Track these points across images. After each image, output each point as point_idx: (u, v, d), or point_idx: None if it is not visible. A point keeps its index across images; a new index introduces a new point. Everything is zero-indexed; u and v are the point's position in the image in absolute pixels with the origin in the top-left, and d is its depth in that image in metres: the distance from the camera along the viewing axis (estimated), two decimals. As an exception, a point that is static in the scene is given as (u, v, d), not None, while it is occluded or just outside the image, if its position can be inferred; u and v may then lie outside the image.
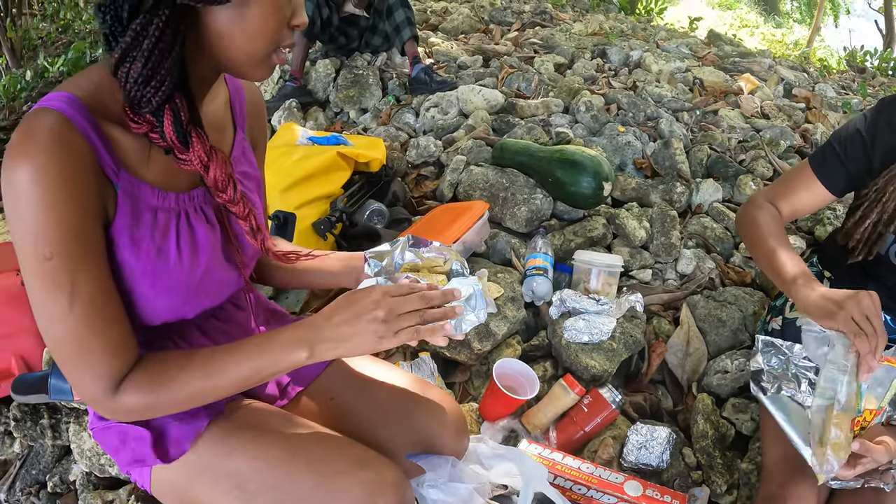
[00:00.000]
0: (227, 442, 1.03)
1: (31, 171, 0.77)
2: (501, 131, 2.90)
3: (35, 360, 1.77)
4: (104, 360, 0.86)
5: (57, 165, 0.78)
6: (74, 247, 0.81)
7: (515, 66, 3.69)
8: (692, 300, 2.02)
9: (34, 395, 1.60)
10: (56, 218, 0.79)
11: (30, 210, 0.78)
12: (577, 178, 2.17)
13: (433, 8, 5.34)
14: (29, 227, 0.79)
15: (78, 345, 0.84)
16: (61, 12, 6.47)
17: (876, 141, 1.39)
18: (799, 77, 4.27)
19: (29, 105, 4.78)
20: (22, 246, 0.81)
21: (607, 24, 5.30)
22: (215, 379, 0.91)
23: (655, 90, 3.45)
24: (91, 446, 1.61)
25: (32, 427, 1.70)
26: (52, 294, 0.82)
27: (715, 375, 1.81)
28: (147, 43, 0.80)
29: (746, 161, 2.81)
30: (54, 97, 0.82)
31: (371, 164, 2.38)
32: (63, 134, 0.79)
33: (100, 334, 0.85)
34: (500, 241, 2.17)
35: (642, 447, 1.60)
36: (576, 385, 1.67)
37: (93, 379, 0.87)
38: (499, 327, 1.81)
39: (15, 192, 0.78)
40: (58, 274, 0.81)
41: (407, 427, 1.21)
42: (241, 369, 0.91)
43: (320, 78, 3.64)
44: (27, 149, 0.78)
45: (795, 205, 1.51)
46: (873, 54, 7.57)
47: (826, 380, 1.23)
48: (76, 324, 0.83)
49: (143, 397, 0.89)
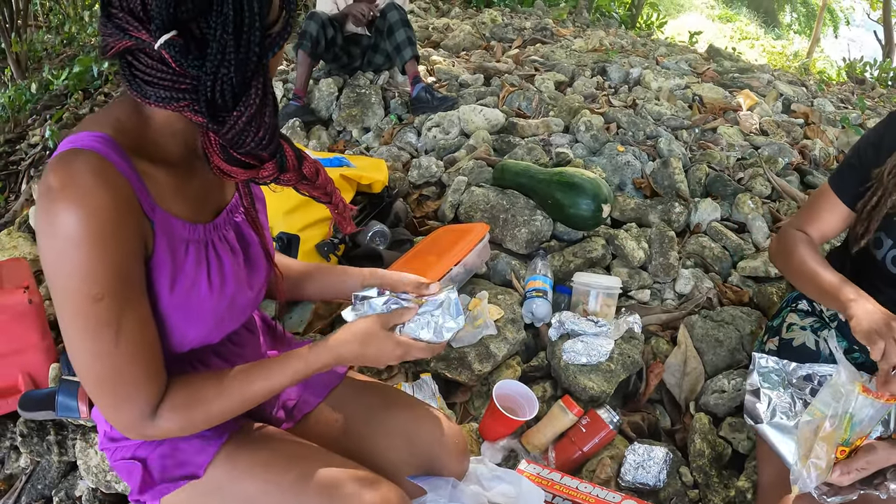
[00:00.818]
0: (237, 465, 1.06)
1: (78, 215, 0.77)
2: (502, 151, 2.94)
3: (41, 377, 1.80)
4: (144, 389, 0.89)
5: (103, 208, 0.79)
6: (122, 286, 0.83)
7: (516, 85, 3.74)
8: (690, 320, 2.05)
9: (41, 412, 1.63)
10: (105, 259, 0.80)
11: (77, 253, 0.79)
12: (576, 200, 2.20)
13: (435, 25, 5.39)
14: (76, 270, 0.80)
15: (120, 378, 0.87)
16: (66, 25, 6.49)
17: (884, 140, 1.43)
18: (798, 92, 4.31)
19: (34, 118, 4.82)
20: (66, 287, 0.81)
21: (608, 39, 5.35)
22: (245, 396, 0.99)
23: (655, 108, 3.49)
24: (97, 462, 1.63)
25: (39, 443, 1.71)
26: (97, 332, 0.83)
27: (712, 395, 1.84)
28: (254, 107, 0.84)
29: (745, 179, 2.85)
30: (86, 137, 0.83)
31: (373, 185, 2.41)
32: (105, 175, 0.80)
33: (142, 367, 0.88)
34: (500, 263, 2.21)
35: (640, 466, 1.63)
36: (574, 406, 1.70)
37: (132, 408, 0.89)
38: (499, 348, 1.84)
39: (59, 235, 0.78)
40: (106, 313, 0.82)
41: (409, 449, 1.25)
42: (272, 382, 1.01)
43: (323, 97, 3.69)
44: (71, 192, 0.78)
45: (822, 228, 1.53)
46: (873, 65, 7.62)
47: (821, 401, 1.25)
48: (120, 359, 0.85)
49: (178, 421, 0.93)
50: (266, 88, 0.85)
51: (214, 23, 0.79)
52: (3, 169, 4.21)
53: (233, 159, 0.87)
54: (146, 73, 0.82)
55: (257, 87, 0.83)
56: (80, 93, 4.79)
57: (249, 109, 0.83)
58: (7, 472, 1.80)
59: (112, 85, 4.86)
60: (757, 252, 2.40)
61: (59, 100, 4.94)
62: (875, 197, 1.42)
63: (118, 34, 0.80)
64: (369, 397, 1.31)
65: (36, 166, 4.07)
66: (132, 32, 0.79)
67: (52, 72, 5.20)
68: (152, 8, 0.77)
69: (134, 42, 0.79)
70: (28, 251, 2.40)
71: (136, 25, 0.79)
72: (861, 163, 1.46)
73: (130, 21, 0.79)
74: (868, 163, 1.45)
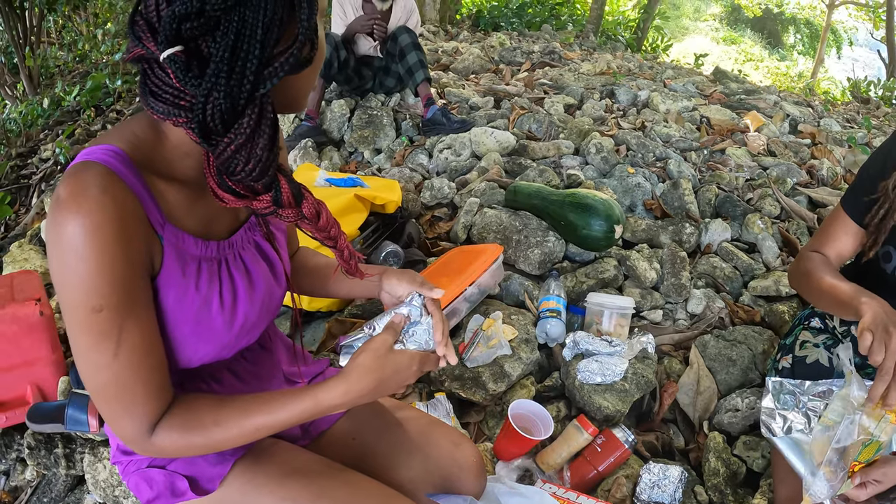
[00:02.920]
0: (253, 481, 1.06)
1: (82, 226, 0.78)
2: (514, 173, 2.97)
3: (50, 390, 1.80)
4: (143, 404, 0.89)
5: (108, 220, 0.79)
6: (124, 299, 0.83)
7: (526, 108, 3.78)
8: (702, 340, 2.07)
9: (50, 425, 1.63)
10: (107, 272, 0.80)
11: (81, 264, 0.79)
12: (588, 221, 2.23)
13: (444, 48, 5.45)
14: (79, 281, 0.80)
15: (120, 389, 0.87)
16: (79, 43, 6.56)
17: (891, 154, 1.46)
18: (804, 112, 4.34)
19: (46, 133, 4.87)
20: (70, 298, 0.82)
21: (615, 62, 5.40)
22: (245, 431, 0.94)
23: (664, 130, 3.52)
24: (106, 477, 1.63)
25: (46, 456, 1.71)
26: (98, 343, 0.84)
27: (726, 414, 1.85)
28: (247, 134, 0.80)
29: (754, 200, 2.87)
30: (98, 150, 0.84)
31: (387, 206, 2.44)
32: (113, 188, 0.80)
33: (141, 381, 0.88)
34: (513, 283, 2.23)
35: (655, 486, 1.64)
36: (589, 425, 1.71)
37: (130, 421, 0.89)
38: (513, 368, 1.86)
39: (65, 245, 0.79)
40: (106, 325, 0.83)
41: (427, 467, 1.24)
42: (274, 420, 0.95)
43: (335, 118, 3.73)
44: (77, 204, 0.78)
45: (838, 248, 1.56)
46: (877, 84, 7.65)
47: (833, 412, 1.27)
48: (120, 371, 0.86)
49: (176, 441, 0.92)
50: (261, 118, 0.81)
51: (218, 44, 0.77)
52: (15, 182, 4.25)
53: (226, 185, 0.84)
54: (154, 84, 0.81)
55: (251, 117, 0.80)
56: (92, 109, 4.85)
57: (239, 139, 0.79)
58: (12, 485, 1.79)
59: (124, 102, 4.91)
60: (768, 272, 2.42)
61: (70, 116, 5.00)
62: (882, 210, 1.45)
63: (134, 41, 0.81)
64: (385, 415, 1.31)
65: (47, 180, 4.10)
66: (144, 42, 0.79)
67: (64, 88, 5.24)
68: (162, 21, 0.77)
69: (145, 51, 0.80)
70: (39, 264, 2.40)
71: (149, 36, 0.79)
72: (870, 180, 1.50)
73: (146, 31, 0.79)
74: (875, 177, 1.49)
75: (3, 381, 1.75)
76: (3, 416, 1.73)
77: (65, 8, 6.09)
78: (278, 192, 0.87)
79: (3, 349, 1.73)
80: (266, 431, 0.95)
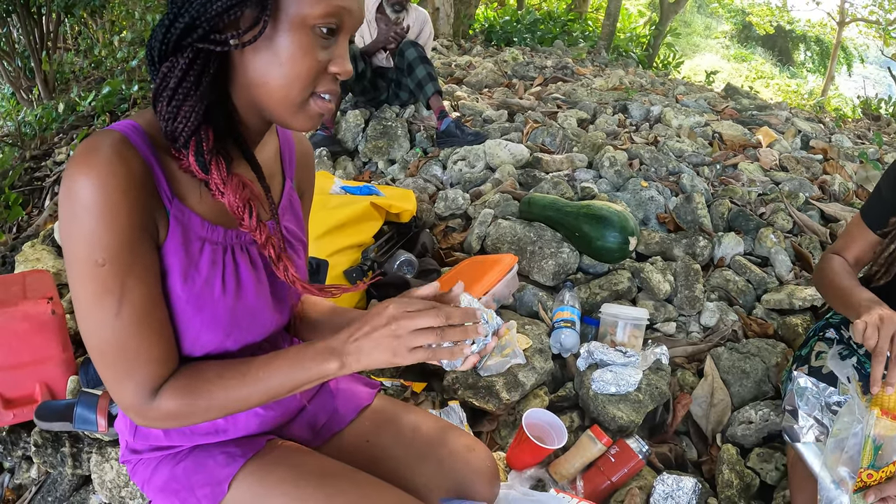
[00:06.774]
0: (265, 482, 1.06)
1: (92, 181, 0.81)
2: (527, 185, 2.99)
3: (59, 388, 1.80)
4: (145, 367, 0.89)
5: (117, 177, 0.82)
6: (127, 255, 0.84)
7: (539, 121, 3.80)
8: (716, 352, 2.07)
9: (58, 423, 1.63)
10: (112, 226, 0.82)
11: (87, 217, 0.81)
12: (603, 232, 2.24)
13: (458, 62, 5.50)
14: (85, 234, 0.82)
15: (122, 350, 0.87)
16: (95, 49, 6.60)
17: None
18: (815, 128, 4.35)
19: (60, 137, 4.91)
20: (75, 252, 0.84)
21: (627, 78, 5.43)
22: (250, 387, 0.94)
23: (676, 145, 3.54)
24: (113, 477, 1.63)
25: (53, 454, 1.71)
26: (100, 299, 0.85)
27: (739, 426, 1.85)
28: (172, 82, 0.85)
29: (766, 214, 2.88)
30: (120, 124, 0.87)
31: (402, 215, 2.46)
32: (125, 152, 0.83)
33: (144, 341, 0.88)
34: (527, 294, 2.24)
35: (669, 497, 1.64)
36: (603, 436, 1.72)
37: (133, 384, 0.90)
38: (527, 378, 1.87)
39: (74, 200, 0.81)
40: (109, 279, 0.84)
41: (441, 472, 1.23)
42: (275, 378, 0.94)
43: (350, 128, 3.76)
44: (89, 161, 0.81)
45: (857, 253, 1.63)
46: (888, 101, 7.64)
47: (841, 422, 1.28)
48: (122, 329, 0.86)
49: (179, 403, 0.92)
50: (190, 69, 0.85)
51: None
52: (28, 184, 4.28)
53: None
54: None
55: (181, 61, 0.84)
56: (107, 115, 4.88)
57: (168, 80, 0.85)
58: (17, 482, 1.79)
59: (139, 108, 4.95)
60: (781, 285, 2.42)
61: (85, 121, 5.04)
62: (893, 245, 1.52)
63: None
64: (399, 418, 1.30)
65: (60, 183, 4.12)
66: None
67: (79, 93, 5.29)
68: None
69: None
70: (52, 264, 2.40)
71: None
72: (887, 193, 1.56)
73: None
74: (891, 193, 1.55)
75: (12, 379, 1.74)
76: (11, 414, 1.73)
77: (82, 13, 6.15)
78: (200, 153, 0.89)
79: (14, 346, 1.73)
80: (275, 390, 0.94)
